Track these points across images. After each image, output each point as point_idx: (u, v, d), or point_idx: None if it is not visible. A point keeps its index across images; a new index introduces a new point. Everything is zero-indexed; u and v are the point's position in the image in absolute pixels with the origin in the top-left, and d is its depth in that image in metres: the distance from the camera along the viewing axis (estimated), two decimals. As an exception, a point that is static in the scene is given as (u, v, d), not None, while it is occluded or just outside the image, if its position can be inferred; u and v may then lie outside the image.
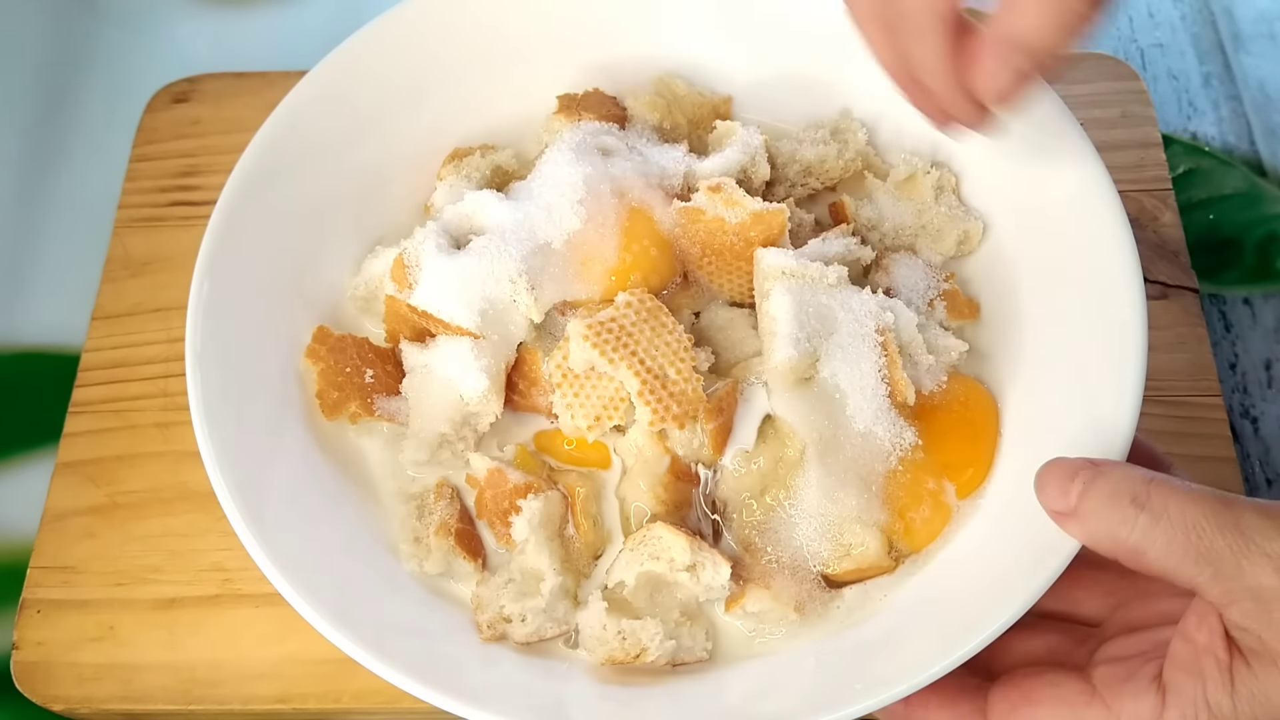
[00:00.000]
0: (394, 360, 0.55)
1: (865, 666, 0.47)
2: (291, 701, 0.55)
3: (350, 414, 0.53)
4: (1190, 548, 0.40)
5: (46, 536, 0.59)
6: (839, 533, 0.50)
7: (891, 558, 0.51)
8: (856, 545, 0.50)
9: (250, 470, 0.49)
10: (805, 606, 0.50)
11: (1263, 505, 0.40)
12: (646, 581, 0.50)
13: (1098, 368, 0.49)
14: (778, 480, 0.51)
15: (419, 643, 0.49)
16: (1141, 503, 0.41)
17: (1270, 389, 0.65)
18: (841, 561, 0.50)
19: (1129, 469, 0.43)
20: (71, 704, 0.56)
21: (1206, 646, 0.41)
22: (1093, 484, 0.43)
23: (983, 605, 0.46)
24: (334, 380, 0.53)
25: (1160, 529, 0.41)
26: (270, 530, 0.48)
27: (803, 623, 0.50)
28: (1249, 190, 0.71)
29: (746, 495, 0.51)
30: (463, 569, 0.51)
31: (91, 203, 0.70)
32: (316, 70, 0.58)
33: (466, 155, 0.59)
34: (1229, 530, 0.40)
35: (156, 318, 0.64)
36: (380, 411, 0.53)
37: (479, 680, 0.48)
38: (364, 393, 0.53)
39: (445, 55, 0.60)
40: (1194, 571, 0.40)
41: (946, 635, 0.46)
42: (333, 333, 0.55)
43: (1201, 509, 0.40)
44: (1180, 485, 0.41)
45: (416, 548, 0.52)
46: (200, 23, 0.79)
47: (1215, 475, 0.58)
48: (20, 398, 0.66)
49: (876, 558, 0.50)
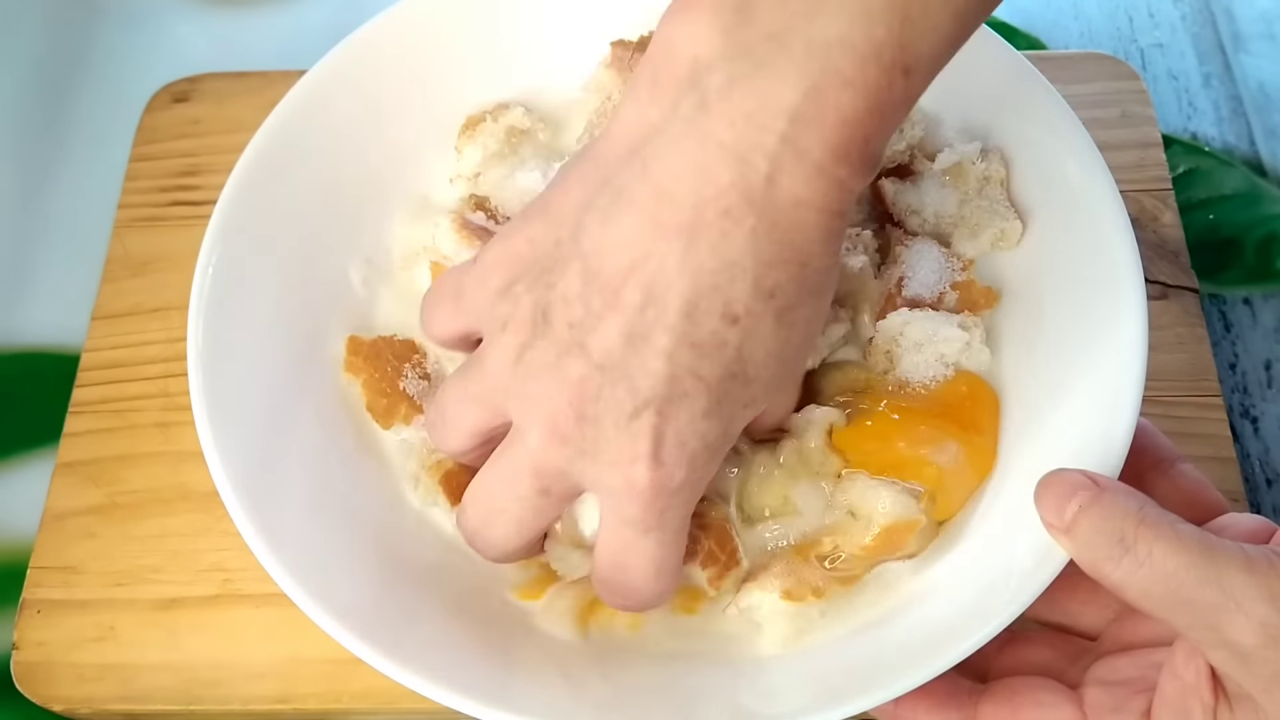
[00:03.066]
0: (418, 349, 0.55)
1: (858, 666, 0.47)
2: (292, 701, 0.55)
3: (403, 416, 0.53)
4: (1168, 597, 0.40)
5: (46, 536, 0.59)
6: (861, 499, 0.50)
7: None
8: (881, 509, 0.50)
9: (253, 469, 0.49)
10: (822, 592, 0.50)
11: (1248, 560, 0.39)
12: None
13: (1097, 368, 0.49)
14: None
15: (430, 642, 0.48)
16: (1128, 544, 0.40)
17: (1270, 389, 0.65)
18: (865, 533, 0.50)
19: (1125, 500, 0.42)
20: (72, 704, 0.56)
21: (1193, 687, 0.41)
22: (1088, 509, 0.42)
23: (976, 609, 0.46)
24: (380, 388, 0.53)
25: (1141, 574, 0.40)
26: (276, 529, 0.48)
27: (803, 621, 0.50)
28: (1249, 190, 0.71)
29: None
30: (445, 506, 0.52)
31: (91, 203, 0.70)
32: (317, 68, 0.58)
33: (479, 123, 0.59)
34: (1210, 585, 0.39)
35: (156, 318, 0.64)
36: (427, 404, 0.54)
37: (491, 679, 0.48)
38: (408, 393, 0.54)
39: (449, 51, 0.60)
40: (1172, 618, 0.40)
41: (935, 639, 0.46)
42: (364, 340, 0.55)
43: (1184, 559, 0.40)
44: (1169, 530, 0.40)
45: (417, 472, 0.53)
46: (200, 23, 0.79)
47: (1215, 475, 0.58)
48: (20, 398, 0.66)
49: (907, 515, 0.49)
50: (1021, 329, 0.54)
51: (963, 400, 0.52)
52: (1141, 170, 0.67)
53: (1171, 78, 0.76)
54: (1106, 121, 0.67)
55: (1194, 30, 0.77)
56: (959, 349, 0.52)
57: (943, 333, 0.52)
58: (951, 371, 0.53)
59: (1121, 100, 0.69)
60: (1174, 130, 0.73)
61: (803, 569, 0.50)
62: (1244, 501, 0.59)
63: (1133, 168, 0.67)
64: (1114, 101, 0.69)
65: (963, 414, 0.52)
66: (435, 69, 0.59)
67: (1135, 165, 0.67)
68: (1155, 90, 0.74)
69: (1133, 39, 0.77)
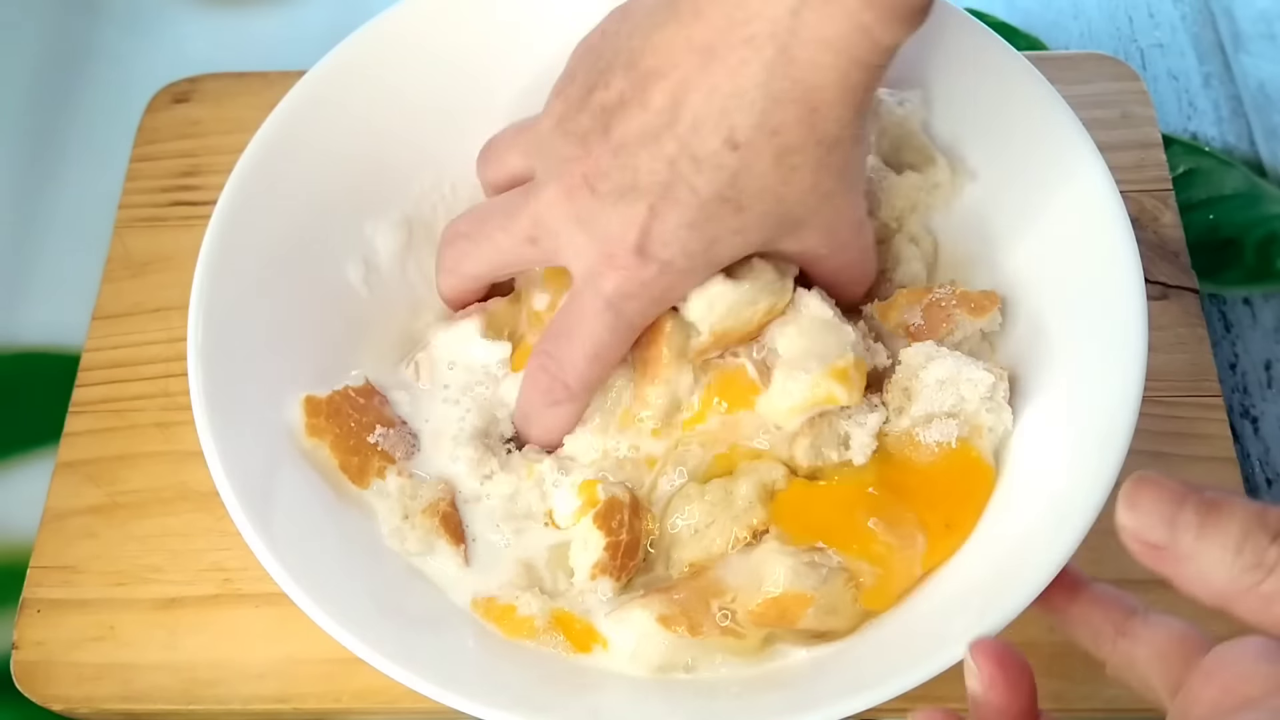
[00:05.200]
0: (376, 392, 0.54)
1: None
2: (292, 701, 0.55)
3: (377, 470, 0.52)
4: None
5: (46, 536, 0.59)
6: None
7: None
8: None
9: (254, 468, 0.49)
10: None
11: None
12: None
13: (1097, 368, 0.49)
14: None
15: (431, 642, 0.49)
16: (1270, 566, 0.35)
17: (1270, 389, 0.65)
18: (755, 596, 0.47)
19: (1253, 511, 0.37)
20: (71, 704, 0.56)
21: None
22: (1213, 523, 0.36)
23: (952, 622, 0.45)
24: (347, 446, 0.52)
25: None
26: (275, 529, 0.48)
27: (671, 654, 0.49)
28: (1249, 190, 0.71)
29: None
30: (444, 550, 0.51)
31: (91, 203, 0.70)
32: (317, 68, 0.58)
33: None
34: None
35: (156, 318, 0.64)
36: (398, 453, 0.53)
37: (495, 679, 0.48)
38: (380, 447, 0.52)
39: (449, 50, 0.60)
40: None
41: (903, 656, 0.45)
42: (321, 399, 0.52)
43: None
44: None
45: (401, 524, 0.51)
46: (200, 23, 0.79)
47: (1215, 475, 0.59)
48: (20, 398, 0.66)
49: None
50: (1022, 330, 0.54)
51: (954, 484, 0.49)
52: (1141, 170, 0.67)
53: (1171, 78, 0.76)
54: (1106, 121, 0.67)
55: (1194, 30, 0.77)
56: (982, 394, 0.50)
57: (967, 373, 0.50)
58: (955, 442, 0.50)
59: (1121, 100, 0.69)
60: (1174, 130, 0.73)
61: (694, 605, 0.48)
62: (1244, 501, 0.58)
63: (1133, 168, 0.67)
64: (1114, 101, 0.69)
65: (947, 502, 0.49)
66: (435, 68, 0.59)
67: (1135, 165, 0.67)
68: (1155, 90, 0.74)
69: (1133, 39, 0.77)
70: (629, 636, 0.49)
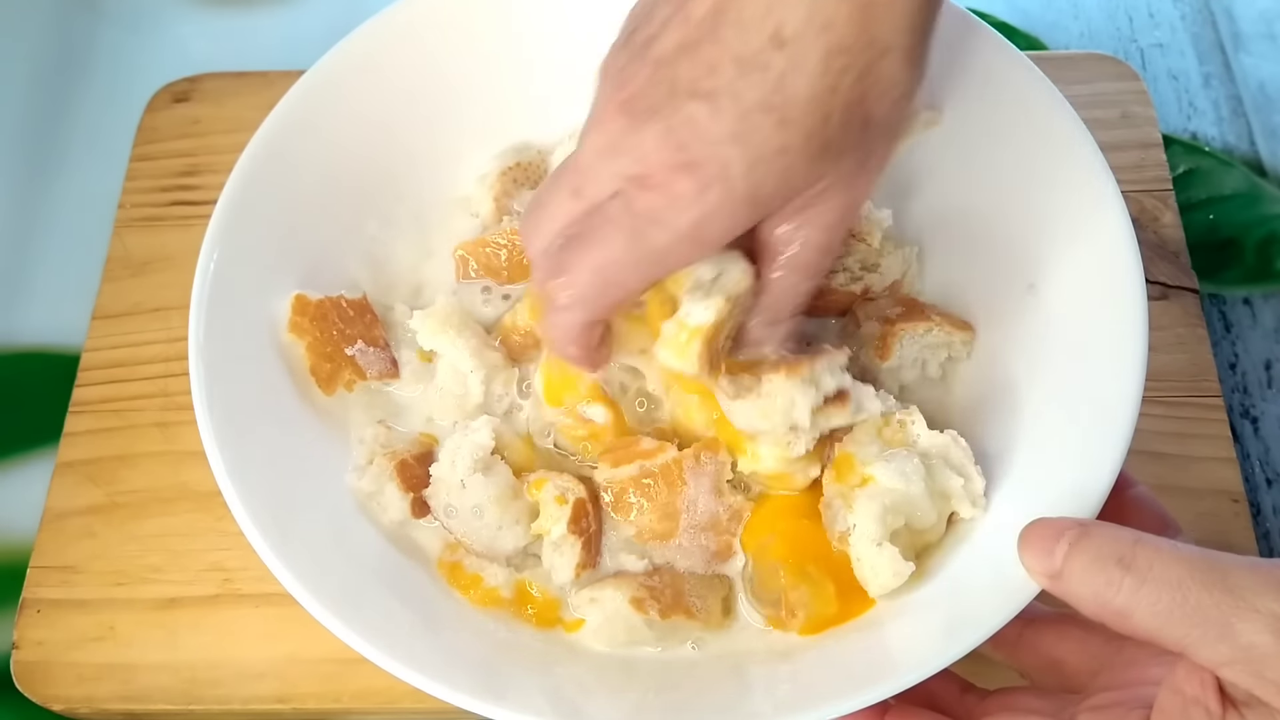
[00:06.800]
0: (370, 310, 0.55)
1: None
2: (291, 701, 0.55)
3: (345, 382, 0.53)
4: (1176, 608, 0.39)
5: (46, 536, 0.59)
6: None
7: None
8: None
9: (254, 468, 0.49)
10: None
11: (1252, 562, 0.39)
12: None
13: (1098, 368, 0.49)
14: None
15: (434, 641, 0.48)
16: (1127, 564, 0.40)
17: (1270, 389, 0.65)
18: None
19: (1116, 531, 0.41)
20: (71, 704, 0.56)
21: (1197, 698, 0.40)
22: (1078, 545, 0.41)
23: (943, 634, 0.46)
24: (323, 352, 0.53)
25: (1146, 590, 0.39)
26: (279, 529, 0.47)
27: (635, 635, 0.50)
28: (1249, 190, 0.71)
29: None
30: (393, 495, 0.51)
31: (91, 203, 0.70)
32: (317, 67, 0.58)
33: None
34: (1216, 588, 0.38)
35: (156, 318, 0.64)
36: (371, 372, 0.54)
37: (496, 677, 0.48)
38: (356, 360, 0.54)
39: (449, 50, 0.60)
40: (1182, 633, 0.39)
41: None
42: (310, 300, 0.54)
43: (1187, 567, 0.39)
44: (1167, 545, 0.40)
45: (364, 465, 0.52)
46: (200, 23, 0.79)
47: (1215, 475, 0.59)
48: (20, 398, 0.66)
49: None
50: (1022, 330, 0.54)
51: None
52: (1141, 170, 0.67)
53: (1171, 78, 0.76)
54: (1107, 121, 0.67)
55: (1194, 30, 0.77)
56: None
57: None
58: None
59: (1121, 100, 0.69)
60: (1174, 130, 0.73)
61: (665, 589, 0.50)
62: (1244, 501, 0.58)
63: (1133, 168, 0.67)
64: (1114, 101, 0.69)
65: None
66: (435, 68, 0.59)
67: (1135, 165, 0.67)
68: (1155, 90, 0.74)
69: (1133, 39, 0.77)
70: (597, 615, 0.50)
